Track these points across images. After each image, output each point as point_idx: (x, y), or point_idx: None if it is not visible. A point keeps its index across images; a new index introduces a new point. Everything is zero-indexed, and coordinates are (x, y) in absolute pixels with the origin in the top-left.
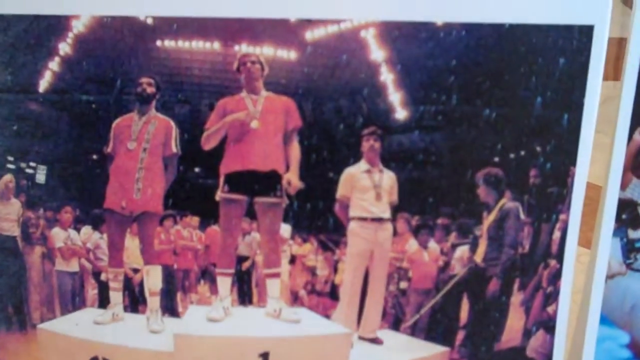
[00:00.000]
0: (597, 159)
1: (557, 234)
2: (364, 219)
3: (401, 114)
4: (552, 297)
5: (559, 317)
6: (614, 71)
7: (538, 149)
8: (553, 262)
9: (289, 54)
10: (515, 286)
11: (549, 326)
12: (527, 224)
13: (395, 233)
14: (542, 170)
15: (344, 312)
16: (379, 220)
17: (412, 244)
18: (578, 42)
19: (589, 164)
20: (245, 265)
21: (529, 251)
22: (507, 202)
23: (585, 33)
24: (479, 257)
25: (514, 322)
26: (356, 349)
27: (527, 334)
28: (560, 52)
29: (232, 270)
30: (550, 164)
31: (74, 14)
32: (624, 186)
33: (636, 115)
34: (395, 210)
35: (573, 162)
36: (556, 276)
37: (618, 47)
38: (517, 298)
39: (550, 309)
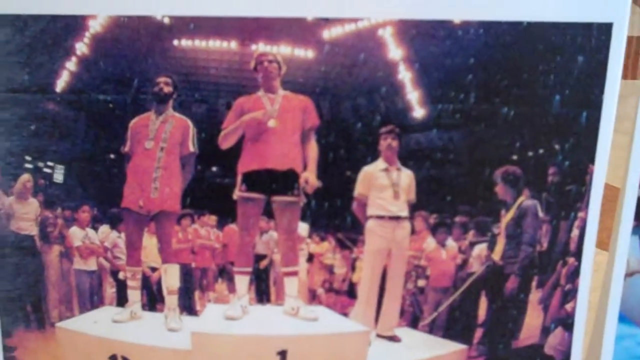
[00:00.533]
0: (613, 158)
1: (575, 232)
2: (381, 217)
3: (419, 112)
4: (570, 294)
5: (578, 314)
6: (625, 69)
7: (556, 147)
8: (571, 260)
9: (306, 53)
10: (534, 284)
11: (567, 324)
12: (546, 221)
13: (413, 231)
14: (560, 168)
15: (361, 310)
16: (397, 218)
17: (430, 242)
18: (597, 39)
19: (616, 158)
20: (263, 263)
21: (547, 249)
22: (526, 200)
23: (604, 31)
24: (497, 255)
25: (532, 320)
26: (374, 346)
27: (546, 331)
28: (579, 50)
29: (249, 269)
30: (569, 162)
31: (91, 14)
32: None
33: None
34: (413, 208)
35: (592, 160)
36: (574, 274)
37: (629, 46)
38: (535, 296)
39: (568, 307)
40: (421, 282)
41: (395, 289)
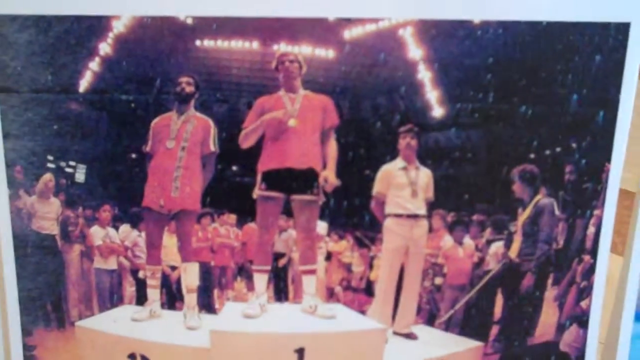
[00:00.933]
0: (627, 165)
1: (591, 230)
2: (399, 216)
3: (438, 111)
4: (585, 292)
5: (592, 312)
6: None
7: (573, 145)
8: (587, 258)
9: (327, 53)
10: (549, 281)
11: (582, 321)
12: (562, 219)
13: (430, 229)
14: (577, 166)
15: (379, 308)
16: (415, 216)
17: (447, 240)
18: (614, 39)
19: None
20: (282, 262)
21: (563, 247)
22: (542, 198)
23: (621, 30)
24: (513, 253)
25: (548, 317)
26: (391, 344)
27: (561, 328)
28: (597, 50)
29: (268, 267)
30: (586, 161)
31: (115, 14)
32: None
33: None
34: (431, 206)
35: (608, 159)
36: (590, 271)
37: None
38: (551, 293)
39: (583, 304)
40: (438, 280)
41: (412, 286)
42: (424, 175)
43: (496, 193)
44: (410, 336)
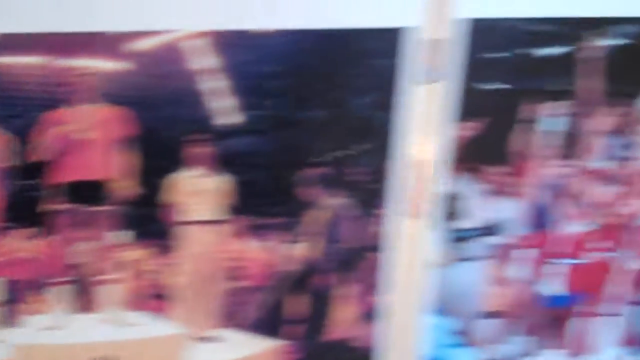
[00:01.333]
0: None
1: (381, 228)
2: (198, 222)
3: (232, 119)
4: (377, 288)
5: (384, 306)
6: (433, 72)
7: (363, 147)
8: (378, 254)
9: (119, 65)
10: (344, 279)
11: (375, 316)
12: (354, 219)
13: (230, 234)
14: (367, 167)
15: (182, 313)
16: (214, 222)
17: (247, 244)
18: (398, 44)
19: (419, 157)
20: (82, 272)
21: (356, 245)
22: (336, 199)
23: (403, 35)
24: (310, 254)
25: (343, 314)
26: (195, 347)
27: (356, 324)
28: (383, 54)
29: (69, 279)
30: (375, 162)
31: None
32: (451, 180)
33: (459, 112)
34: (230, 212)
35: (396, 159)
36: (381, 267)
37: (437, 49)
38: (345, 290)
39: (376, 300)
40: (239, 283)
41: (214, 290)
42: (221, 182)
43: (293, 196)
44: (213, 339)
